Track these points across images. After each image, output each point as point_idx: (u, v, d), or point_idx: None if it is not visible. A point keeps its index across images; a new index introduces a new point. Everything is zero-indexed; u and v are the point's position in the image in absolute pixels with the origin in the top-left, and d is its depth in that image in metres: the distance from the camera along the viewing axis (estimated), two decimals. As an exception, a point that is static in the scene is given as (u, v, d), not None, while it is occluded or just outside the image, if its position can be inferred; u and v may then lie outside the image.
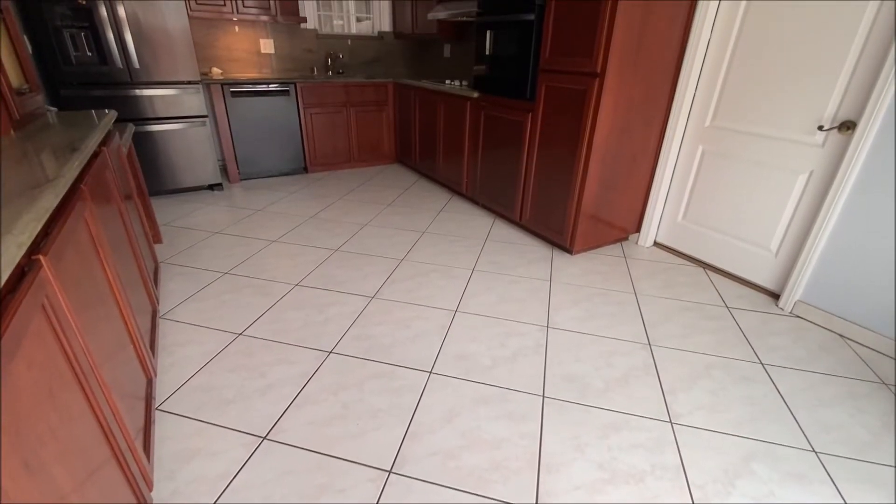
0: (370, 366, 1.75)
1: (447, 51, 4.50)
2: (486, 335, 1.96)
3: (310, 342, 1.88)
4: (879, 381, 1.77)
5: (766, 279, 2.37)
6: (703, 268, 2.64)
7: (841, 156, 1.97)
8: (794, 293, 2.20)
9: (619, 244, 2.93)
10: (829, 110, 1.99)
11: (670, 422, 1.54)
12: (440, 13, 3.64)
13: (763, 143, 2.25)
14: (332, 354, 1.81)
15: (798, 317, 2.19)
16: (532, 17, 2.50)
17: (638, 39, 2.23)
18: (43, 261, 0.83)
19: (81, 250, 1.10)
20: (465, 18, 3.56)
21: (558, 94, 2.49)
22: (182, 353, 1.81)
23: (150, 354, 1.56)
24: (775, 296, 2.35)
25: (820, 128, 2.01)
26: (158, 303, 2.02)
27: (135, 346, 1.41)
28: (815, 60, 1.99)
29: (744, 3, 2.19)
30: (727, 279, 2.52)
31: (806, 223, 2.15)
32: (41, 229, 0.91)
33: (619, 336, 1.98)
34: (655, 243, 2.92)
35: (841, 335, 2.05)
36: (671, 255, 2.80)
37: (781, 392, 1.69)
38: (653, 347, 1.92)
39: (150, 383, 1.49)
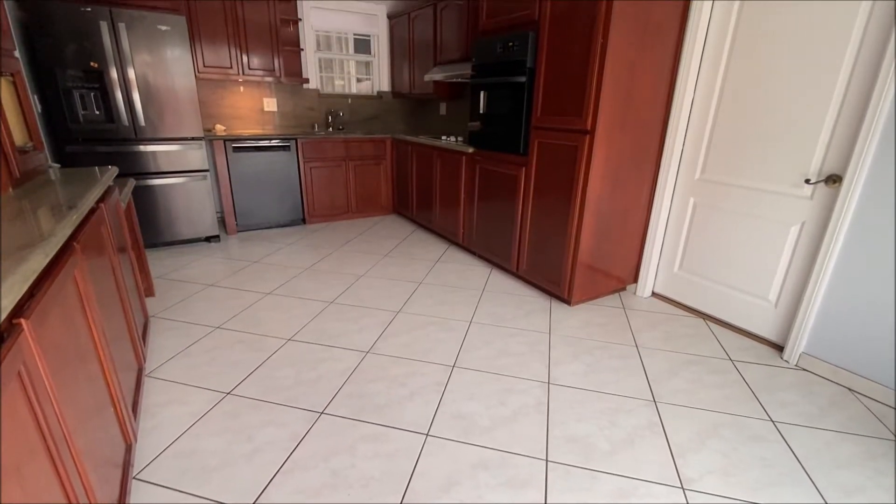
0: (363, 427, 1.67)
1: (443, 108, 4.69)
2: (484, 392, 1.89)
3: (300, 401, 1.80)
4: (894, 438, 1.69)
5: (767, 331, 2.34)
6: (704, 319, 2.60)
7: (831, 208, 2.01)
8: (798, 345, 2.16)
9: (617, 295, 2.91)
10: (815, 164, 2.04)
11: (682, 487, 1.45)
12: (436, 75, 3.83)
13: (752, 196, 2.29)
14: (323, 415, 1.73)
15: (804, 370, 2.14)
16: (524, 79, 2.63)
17: (625, 99, 2.34)
18: (24, 325, 0.80)
19: (67, 310, 1.07)
20: (459, 80, 3.74)
21: (550, 149, 2.57)
22: (166, 414, 1.72)
23: (132, 417, 1.49)
24: (779, 348, 2.30)
25: (807, 181, 2.07)
26: (145, 360, 1.95)
27: (115, 409, 1.34)
28: (796, 116, 2.08)
29: (724, 63, 2.32)
30: (728, 330, 2.48)
31: (803, 274, 2.15)
32: (27, 290, 0.88)
33: (622, 392, 1.92)
34: (654, 294, 2.91)
35: (850, 389, 1.99)
36: (670, 305, 2.77)
37: (796, 452, 1.61)
38: (658, 404, 1.84)
39: (129, 449, 1.41)
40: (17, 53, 1.91)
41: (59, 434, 0.90)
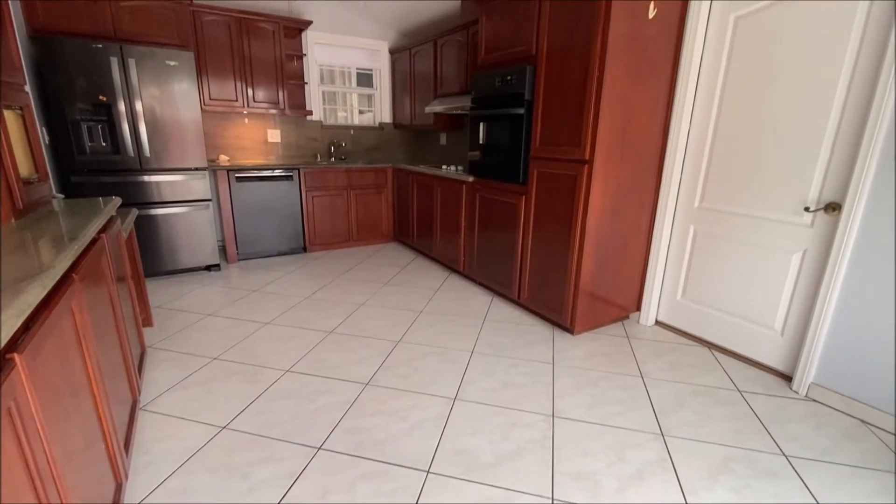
0: (362, 464, 1.61)
1: (443, 139, 4.78)
2: (487, 426, 1.83)
3: (298, 436, 1.75)
4: (914, 474, 1.63)
5: (775, 360, 2.30)
6: (709, 347, 2.56)
7: (832, 235, 2.01)
8: (807, 375, 2.11)
9: (620, 323, 2.88)
10: (813, 192, 2.06)
11: (695, 528, 1.38)
12: (436, 107, 3.92)
13: (752, 224, 2.30)
14: (321, 451, 1.67)
15: (814, 401, 2.09)
16: (522, 111, 2.68)
17: (622, 130, 2.38)
18: (17, 360, 0.78)
19: (63, 343, 1.05)
20: (459, 111, 3.83)
21: (550, 178, 2.60)
22: (159, 449, 1.67)
23: (123, 454, 1.44)
24: (787, 378, 2.25)
25: (806, 209, 2.07)
26: (140, 393, 1.91)
27: (107, 446, 1.30)
28: (792, 145, 2.10)
29: (718, 93, 2.36)
30: (734, 359, 2.44)
31: (808, 302, 2.13)
32: (22, 324, 0.87)
33: (629, 425, 1.86)
34: (657, 322, 2.87)
35: (863, 421, 1.94)
36: (674, 334, 2.73)
37: (811, 489, 1.55)
38: (666, 438, 1.79)
39: (119, 489, 1.35)
40: (27, 88, 1.96)
41: (48, 473, 0.87)
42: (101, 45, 2.97)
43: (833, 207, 1.98)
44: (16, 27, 2.36)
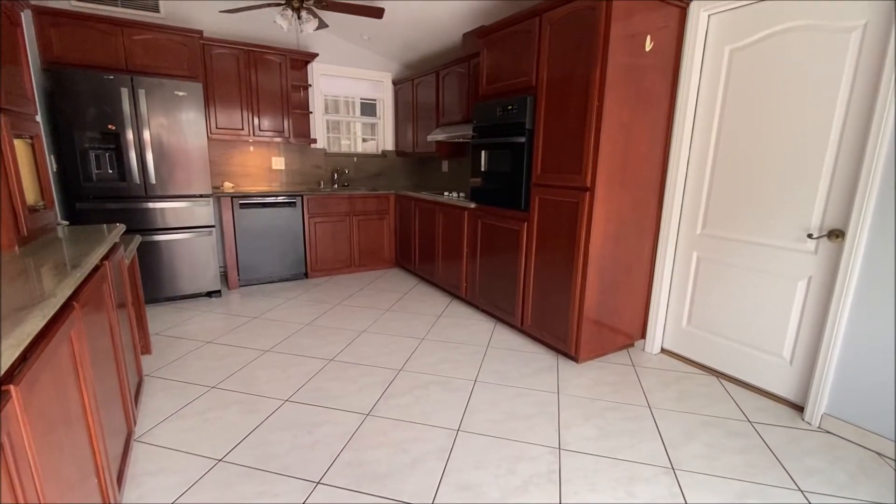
0: (362, 499, 1.55)
1: (444, 166, 4.84)
2: (492, 459, 1.78)
3: (296, 470, 1.69)
4: (938, 512, 1.57)
5: (785, 390, 2.24)
6: (717, 376, 2.51)
7: (837, 262, 1.99)
8: (819, 406, 2.06)
9: (625, 351, 2.83)
10: (815, 219, 2.06)
11: (711, 570, 1.32)
12: (438, 135, 3.99)
13: (755, 250, 2.29)
14: (319, 485, 1.61)
15: (828, 432, 2.03)
16: (523, 139, 2.73)
17: (623, 157, 2.41)
18: (13, 392, 0.76)
19: (60, 373, 1.03)
20: (460, 140, 3.89)
21: (551, 205, 2.61)
22: (153, 483, 1.61)
23: (116, 488, 1.39)
24: (798, 408, 2.19)
25: (809, 236, 2.07)
26: (135, 423, 1.86)
27: (99, 481, 1.26)
28: (792, 172, 2.12)
29: (717, 120, 2.40)
30: (743, 389, 2.38)
31: (816, 329, 2.10)
32: (21, 353, 0.85)
33: (638, 458, 1.80)
34: (663, 350, 2.83)
35: (879, 453, 1.87)
36: (681, 362, 2.69)
37: (831, 528, 1.48)
38: (677, 472, 1.73)
39: (108, 526, 1.30)
40: (38, 118, 2.00)
41: (36, 512, 0.84)
42: (112, 77, 3.05)
43: (836, 234, 1.98)
44: (30, 58, 2.43)
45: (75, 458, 1.09)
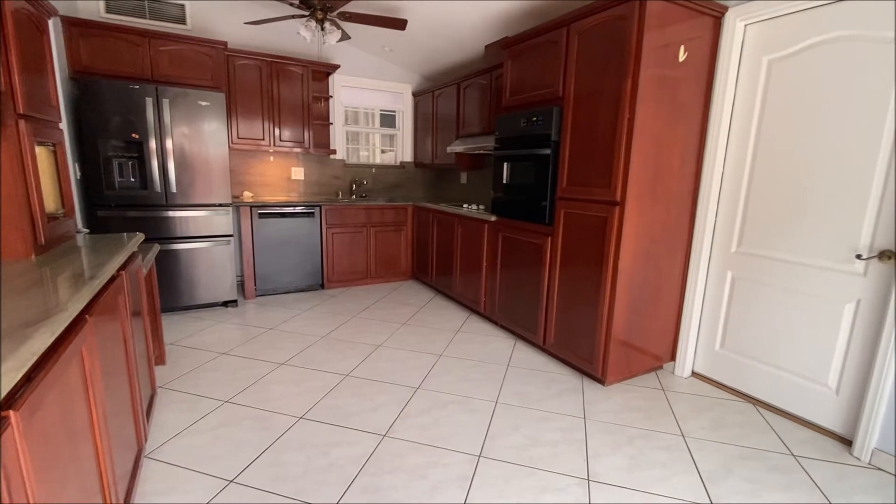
0: (379, 530, 1.46)
1: (464, 178, 4.78)
2: (515, 489, 1.67)
3: (308, 495, 1.61)
4: None
5: (830, 421, 2.09)
6: (753, 404, 2.36)
7: (889, 285, 1.85)
8: (869, 440, 1.90)
9: (654, 373, 2.69)
10: (864, 238, 1.92)
11: None
12: (458, 147, 3.94)
13: (796, 270, 2.16)
14: (334, 512, 1.53)
15: (879, 469, 1.86)
16: (548, 151, 2.65)
17: (654, 171, 2.31)
18: (12, 419, 0.70)
19: (67, 392, 0.98)
20: (481, 151, 3.83)
21: (578, 219, 2.51)
22: (161, 505, 1.55)
23: (123, 511, 1.32)
24: (846, 441, 2.03)
25: (858, 256, 1.94)
26: (146, 439, 1.80)
27: (105, 503, 1.19)
28: (838, 186, 1.99)
29: (754, 131, 2.28)
30: (784, 418, 2.23)
31: (866, 357, 1.95)
32: (25, 373, 0.80)
33: (673, 494, 1.67)
34: (693, 373, 2.68)
35: (941, 497, 1.71)
36: (714, 387, 2.54)
37: (896, 583, 1.33)
38: (718, 511, 1.59)
39: (113, 553, 1.23)
40: (62, 125, 1.99)
41: (33, 548, 0.77)
42: (137, 86, 3.08)
43: (888, 255, 1.84)
44: (57, 67, 2.45)
45: (79, 481, 1.03)
